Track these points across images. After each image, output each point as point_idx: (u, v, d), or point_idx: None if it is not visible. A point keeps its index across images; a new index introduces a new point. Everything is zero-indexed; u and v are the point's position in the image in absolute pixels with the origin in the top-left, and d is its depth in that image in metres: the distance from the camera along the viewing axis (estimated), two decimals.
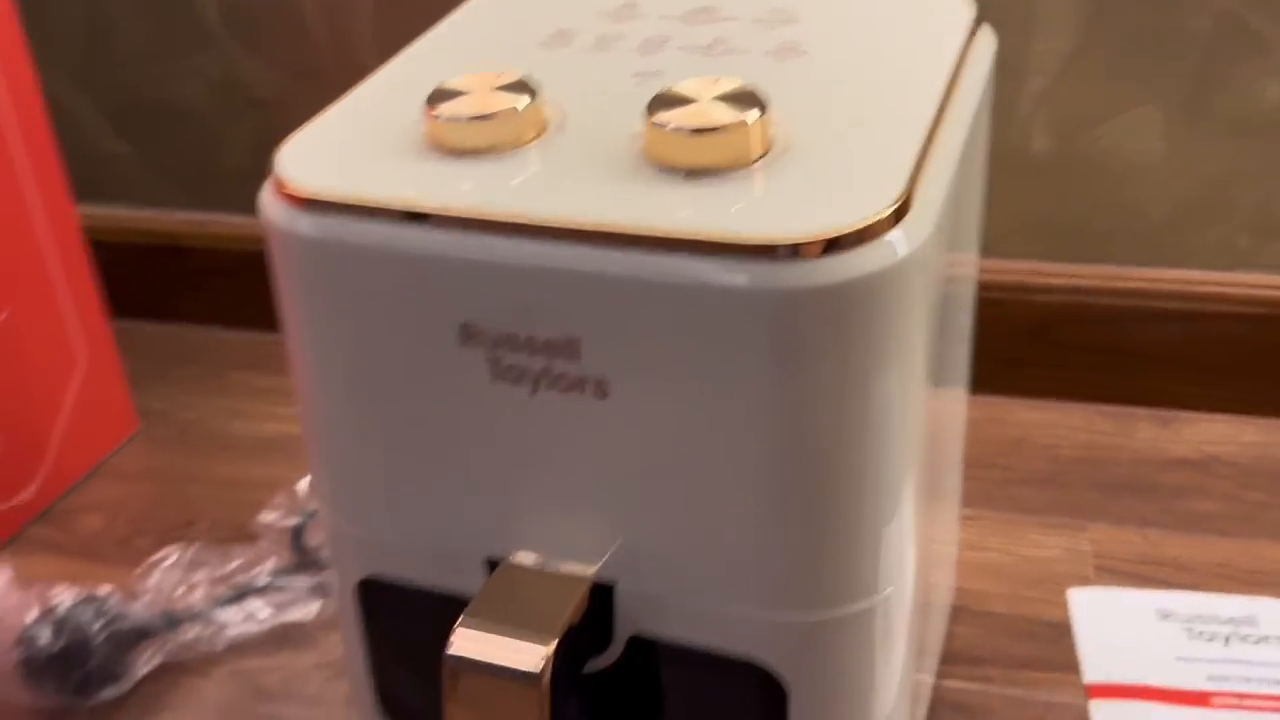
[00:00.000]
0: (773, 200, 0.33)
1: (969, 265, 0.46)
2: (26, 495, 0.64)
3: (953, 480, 0.51)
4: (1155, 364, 0.70)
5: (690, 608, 0.37)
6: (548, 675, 0.36)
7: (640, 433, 0.35)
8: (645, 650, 0.39)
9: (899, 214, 0.33)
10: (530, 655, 0.36)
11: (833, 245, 0.32)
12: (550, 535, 0.38)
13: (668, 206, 0.33)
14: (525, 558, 0.39)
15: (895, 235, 0.32)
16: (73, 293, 0.66)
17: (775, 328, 0.33)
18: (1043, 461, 0.66)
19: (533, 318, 0.35)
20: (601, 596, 0.38)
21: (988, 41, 0.44)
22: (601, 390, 0.35)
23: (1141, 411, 0.69)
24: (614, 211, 0.33)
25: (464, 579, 0.39)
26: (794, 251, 0.32)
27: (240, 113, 0.78)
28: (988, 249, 0.71)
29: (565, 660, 0.37)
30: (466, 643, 0.36)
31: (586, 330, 0.34)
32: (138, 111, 0.80)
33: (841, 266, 0.32)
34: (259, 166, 0.39)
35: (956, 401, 0.49)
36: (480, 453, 0.38)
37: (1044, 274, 0.70)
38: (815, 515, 0.35)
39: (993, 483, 0.64)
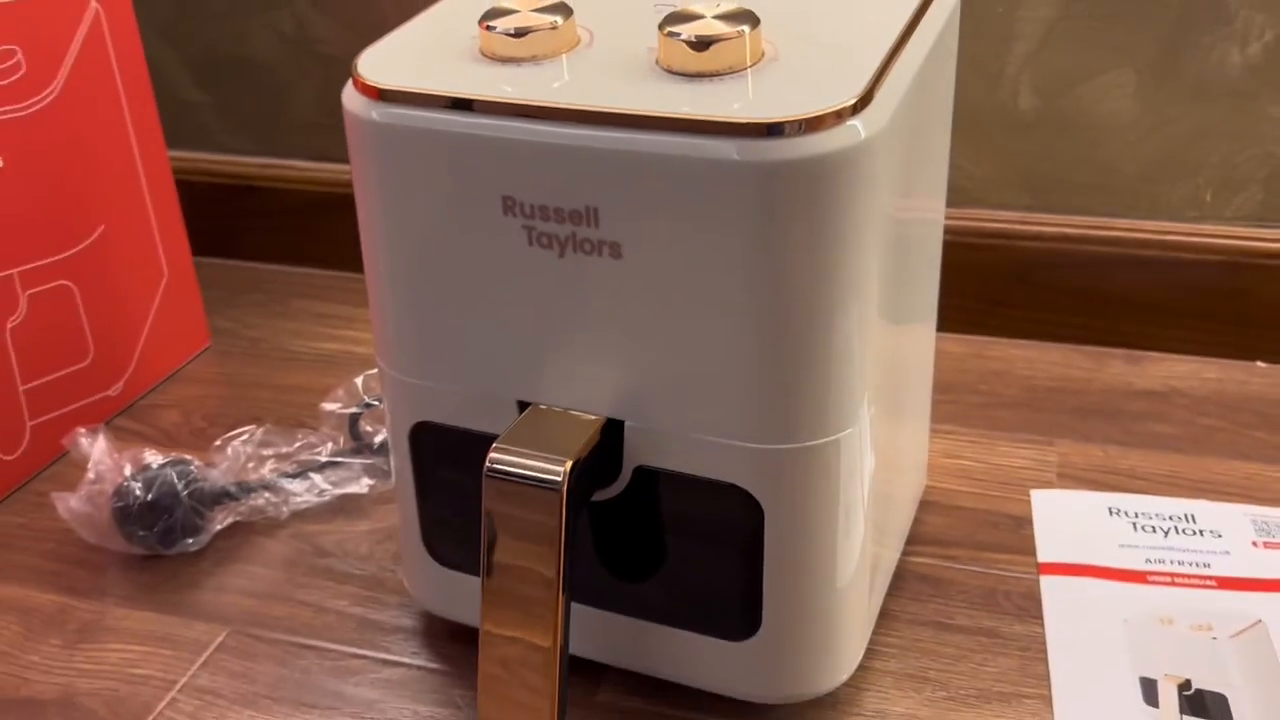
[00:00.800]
0: (760, 94, 0.41)
1: (933, 197, 0.53)
2: (114, 391, 0.73)
3: (920, 394, 0.58)
4: (1129, 307, 0.77)
5: (685, 441, 0.45)
6: (567, 485, 0.44)
7: (647, 288, 0.43)
8: (647, 479, 0.47)
9: (860, 105, 0.40)
10: (553, 468, 0.44)
11: (806, 126, 0.40)
12: (572, 379, 0.46)
13: (675, 98, 0.41)
14: (550, 399, 0.47)
15: (857, 121, 0.40)
16: (159, 217, 0.75)
17: (759, 194, 0.40)
18: (1020, 390, 0.73)
19: (561, 190, 0.43)
20: (613, 431, 0.46)
21: None
22: (616, 252, 0.43)
23: (1115, 351, 0.76)
24: (629, 101, 0.41)
25: (499, 421, 0.47)
26: (774, 130, 0.39)
27: (308, 67, 0.87)
28: (977, 199, 0.79)
29: (581, 477, 0.45)
30: (501, 458, 0.44)
31: (605, 200, 0.42)
32: (216, 64, 0.89)
33: (813, 144, 0.40)
34: (324, 117, 0.47)
35: (923, 326, 0.56)
36: (516, 309, 0.46)
37: (1028, 223, 0.77)
38: (789, 357, 0.43)
39: (972, 406, 0.72)
